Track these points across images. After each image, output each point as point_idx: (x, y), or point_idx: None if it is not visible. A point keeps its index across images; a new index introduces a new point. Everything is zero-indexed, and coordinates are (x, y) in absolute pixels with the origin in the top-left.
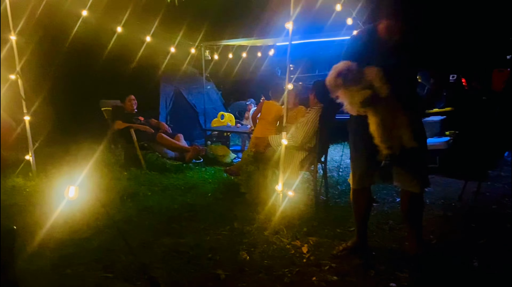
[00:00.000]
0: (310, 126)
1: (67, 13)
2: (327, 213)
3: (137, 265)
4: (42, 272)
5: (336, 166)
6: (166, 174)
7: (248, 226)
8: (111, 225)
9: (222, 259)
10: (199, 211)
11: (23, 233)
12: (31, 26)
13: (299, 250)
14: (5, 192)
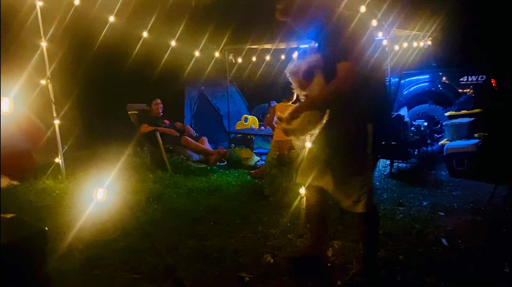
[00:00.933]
0: None
1: (94, 19)
2: (352, 217)
3: (163, 266)
4: (71, 272)
5: None
6: (191, 176)
7: (272, 229)
8: (138, 226)
9: (246, 262)
10: (224, 213)
11: (53, 234)
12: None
13: (324, 254)
14: (36, 194)
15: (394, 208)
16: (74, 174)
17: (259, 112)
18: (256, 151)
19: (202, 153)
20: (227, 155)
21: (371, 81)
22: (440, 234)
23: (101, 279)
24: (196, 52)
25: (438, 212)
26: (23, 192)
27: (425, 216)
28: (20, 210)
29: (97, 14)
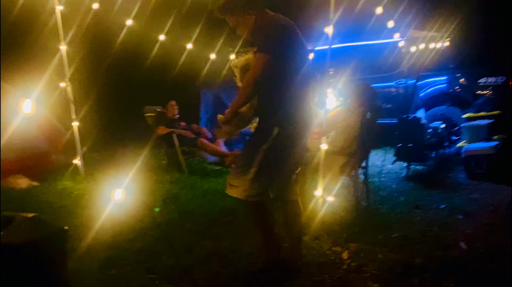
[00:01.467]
0: (350, 130)
1: (112, 23)
2: (368, 219)
3: (180, 267)
4: (89, 272)
5: (377, 172)
6: (206, 178)
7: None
8: (154, 227)
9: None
10: (239, 215)
11: (72, 234)
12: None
13: (340, 256)
14: (55, 194)
15: (411, 211)
16: (93, 175)
17: None
18: None
19: (218, 155)
20: None
21: (285, 82)
22: (458, 238)
23: (119, 279)
24: (212, 55)
25: (456, 215)
26: (42, 192)
27: (442, 219)
28: (40, 210)
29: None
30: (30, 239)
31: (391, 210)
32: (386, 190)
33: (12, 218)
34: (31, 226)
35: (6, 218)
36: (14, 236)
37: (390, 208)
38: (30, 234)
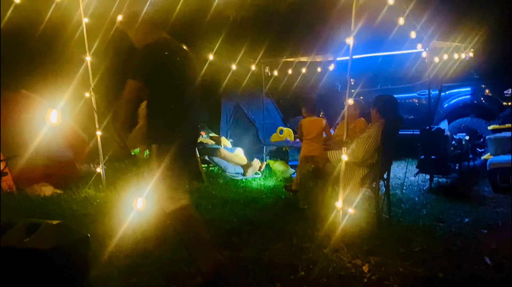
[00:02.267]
0: (371, 141)
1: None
2: (389, 232)
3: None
4: (110, 279)
5: (399, 184)
6: (226, 187)
7: (307, 243)
8: (174, 236)
9: (281, 275)
10: (258, 225)
11: (93, 241)
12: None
13: (360, 269)
14: (78, 202)
15: (434, 224)
16: (114, 184)
17: (294, 124)
18: (291, 163)
19: (238, 164)
20: (262, 167)
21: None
22: (483, 253)
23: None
24: (233, 65)
25: (481, 230)
26: (66, 200)
27: (466, 233)
28: (63, 217)
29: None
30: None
31: (413, 223)
32: (408, 203)
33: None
34: (56, 233)
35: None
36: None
37: (412, 221)
38: (56, 240)
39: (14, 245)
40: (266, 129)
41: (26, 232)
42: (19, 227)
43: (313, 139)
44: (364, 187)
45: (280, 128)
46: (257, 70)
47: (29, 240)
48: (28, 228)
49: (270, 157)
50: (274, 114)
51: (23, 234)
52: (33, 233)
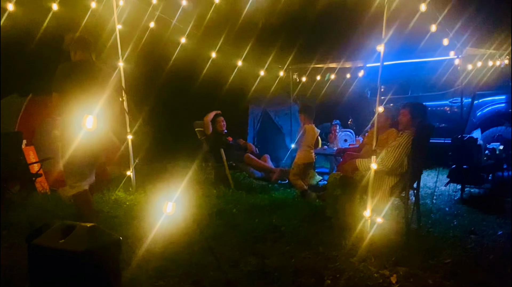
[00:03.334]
0: (401, 150)
1: (167, 41)
2: (418, 243)
3: (225, 281)
4: (137, 281)
5: (429, 193)
6: (252, 193)
7: (334, 252)
8: (201, 240)
9: (307, 283)
10: (284, 232)
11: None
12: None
13: (388, 279)
14: (108, 204)
15: (465, 236)
16: (143, 187)
17: (322, 130)
18: (318, 170)
19: (264, 170)
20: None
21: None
22: None
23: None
24: (261, 72)
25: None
26: (97, 202)
27: (500, 246)
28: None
29: (170, 36)
30: (89, 247)
31: (443, 234)
32: (438, 213)
33: (73, 226)
34: (90, 235)
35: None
36: (75, 244)
37: (442, 232)
38: (89, 243)
39: (50, 246)
40: (293, 135)
41: (62, 234)
42: (55, 228)
43: (311, 147)
44: (393, 196)
45: None
46: (285, 76)
47: (64, 242)
48: (63, 230)
49: None
50: None
51: (59, 236)
52: (68, 235)
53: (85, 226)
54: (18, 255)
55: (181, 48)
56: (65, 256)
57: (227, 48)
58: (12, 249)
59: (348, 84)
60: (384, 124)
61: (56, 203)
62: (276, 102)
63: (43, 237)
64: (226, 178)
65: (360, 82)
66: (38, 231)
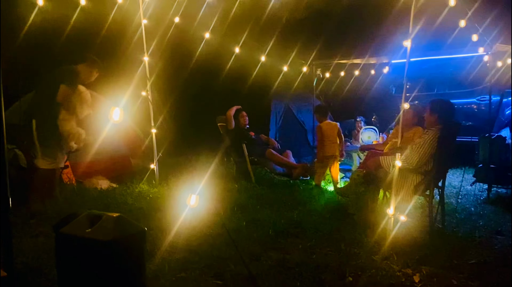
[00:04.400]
0: (426, 148)
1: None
2: (443, 242)
3: (245, 275)
4: (161, 273)
5: (454, 192)
6: (273, 189)
7: (356, 249)
8: (223, 233)
9: (328, 279)
10: (306, 228)
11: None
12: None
13: (410, 278)
14: (132, 196)
15: (492, 237)
16: (166, 180)
17: (345, 127)
18: (341, 167)
19: (286, 166)
20: (311, 170)
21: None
22: None
23: (187, 282)
24: (284, 67)
25: None
26: (121, 194)
27: None
28: (118, 210)
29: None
30: (115, 237)
31: (468, 234)
32: (463, 213)
33: (100, 216)
34: (116, 225)
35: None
36: (101, 233)
37: (468, 232)
38: (115, 232)
39: (77, 235)
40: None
41: (89, 223)
42: (83, 217)
43: (333, 140)
44: (417, 195)
45: None
46: (309, 71)
47: (91, 231)
48: (90, 219)
49: None
50: None
51: (86, 225)
52: (94, 225)
53: (112, 216)
54: (46, 243)
55: (205, 43)
56: (91, 245)
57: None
58: (40, 238)
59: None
60: (409, 121)
61: (83, 194)
62: (299, 98)
63: (71, 226)
64: (247, 173)
65: (385, 79)
66: (66, 220)
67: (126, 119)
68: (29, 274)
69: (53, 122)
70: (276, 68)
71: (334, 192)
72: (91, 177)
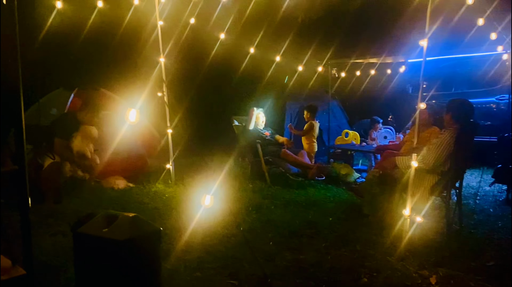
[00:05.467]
0: (443, 148)
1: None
2: (460, 244)
3: (260, 276)
4: (176, 272)
5: (472, 193)
6: (288, 189)
7: (371, 250)
8: (238, 234)
9: (343, 280)
10: (320, 229)
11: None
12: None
13: (427, 280)
14: (149, 196)
15: (511, 239)
16: (182, 180)
17: (361, 127)
18: (356, 167)
19: (301, 166)
20: (326, 170)
21: None
22: None
23: (203, 282)
24: (299, 67)
25: None
26: (137, 193)
27: None
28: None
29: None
30: (131, 237)
31: (486, 236)
32: (481, 214)
33: (116, 216)
34: (131, 225)
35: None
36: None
37: (486, 234)
38: (131, 232)
39: (94, 234)
40: (331, 132)
41: (105, 223)
42: (99, 217)
43: (315, 140)
44: (434, 196)
45: (346, 131)
46: (324, 71)
47: (107, 231)
48: (107, 219)
49: (334, 160)
50: (339, 117)
51: (103, 225)
52: (111, 224)
53: (128, 216)
54: (64, 242)
55: (220, 44)
56: (108, 244)
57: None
58: (58, 236)
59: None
60: (426, 121)
61: (100, 194)
62: (314, 98)
63: (88, 225)
64: (262, 173)
65: (401, 78)
66: (83, 220)
67: (143, 120)
68: (47, 273)
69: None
70: (291, 68)
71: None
72: (109, 177)
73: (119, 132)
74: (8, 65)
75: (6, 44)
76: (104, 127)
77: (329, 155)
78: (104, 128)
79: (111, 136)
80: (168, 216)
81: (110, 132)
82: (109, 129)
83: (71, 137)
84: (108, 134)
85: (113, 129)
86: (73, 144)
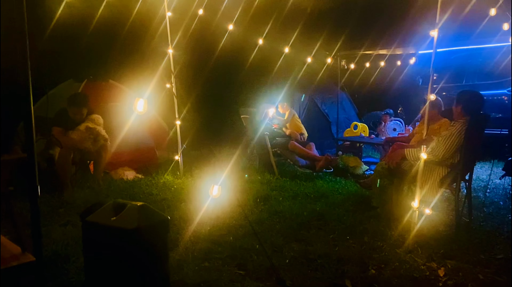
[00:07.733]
0: (453, 140)
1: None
2: (469, 237)
3: (268, 266)
4: (184, 262)
5: (482, 186)
6: (296, 181)
7: (379, 242)
8: (246, 225)
9: (350, 271)
10: (329, 220)
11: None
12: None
13: (435, 272)
14: (157, 187)
15: None
16: (190, 171)
17: (370, 119)
18: (365, 159)
19: (309, 158)
20: (334, 162)
21: None
22: None
23: (210, 272)
24: (308, 58)
25: None
26: (146, 184)
27: None
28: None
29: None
30: (138, 225)
31: (496, 228)
32: (491, 207)
33: (124, 205)
34: (139, 214)
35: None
36: (125, 221)
37: (495, 227)
38: (139, 221)
39: (102, 223)
40: (340, 124)
41: (114, 212)
42: (108, 206)
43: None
44: (443, 188)
45: (355, 123)
46: (333, 63)
47: (116, 219)
48: (115, 208)
49: (342, 152)
50: (348, 109)
51: (111, 214)
52: (119, 213)
53: (136, 205)
54: (74, 232)
55: (228, 35)
56: (116, 233)
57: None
58: (69, 226)
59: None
60: (435, 113)
61: (109, 185)
62: (323, 90)
63: (96, 214)
64: (270, 165)
65: (411, 70)
66: (91, 209)
67: (151, 111)
68: (57, 261)
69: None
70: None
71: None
72: (118, 168)
73: (128, 123)
74: (17, 57)
75: (15, 36)
76: (113, 118)
77: (338, 147)
78: (113, 120)
79: (120, 127)
80: (176, 207)
81: (119, 123)
82: (118, 120)
83: (72, 127)
84: (117, 126)
85: (121, 120)
86: (81, 127)
